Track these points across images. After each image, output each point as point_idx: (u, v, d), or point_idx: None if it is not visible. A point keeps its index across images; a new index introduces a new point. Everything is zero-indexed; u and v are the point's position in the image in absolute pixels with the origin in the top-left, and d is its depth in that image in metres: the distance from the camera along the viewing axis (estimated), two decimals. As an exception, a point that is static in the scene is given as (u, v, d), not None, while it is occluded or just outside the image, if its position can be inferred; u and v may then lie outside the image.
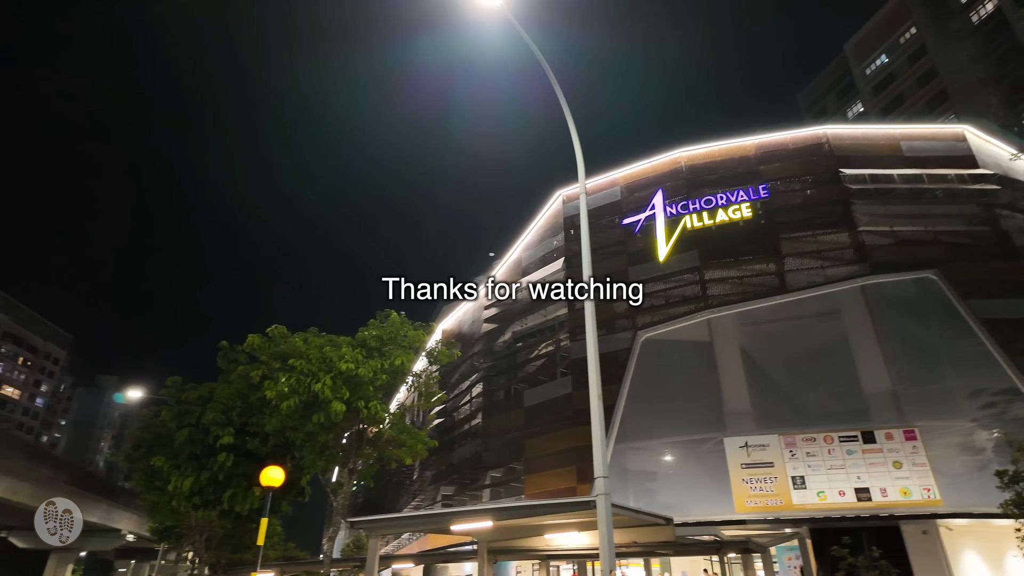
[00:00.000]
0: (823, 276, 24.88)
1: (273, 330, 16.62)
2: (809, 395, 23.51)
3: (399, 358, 15.94)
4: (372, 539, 11.08)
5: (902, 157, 26.84)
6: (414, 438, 16.97)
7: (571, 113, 11.27)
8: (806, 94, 79.57)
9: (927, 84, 61.39)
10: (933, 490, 20.09)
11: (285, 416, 15.57)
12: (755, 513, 21.18)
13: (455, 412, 36.83)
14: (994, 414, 21.49)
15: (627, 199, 29.78)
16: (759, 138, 28.67)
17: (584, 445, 24.04)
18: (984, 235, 24.98)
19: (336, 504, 16.54)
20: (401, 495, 44.12)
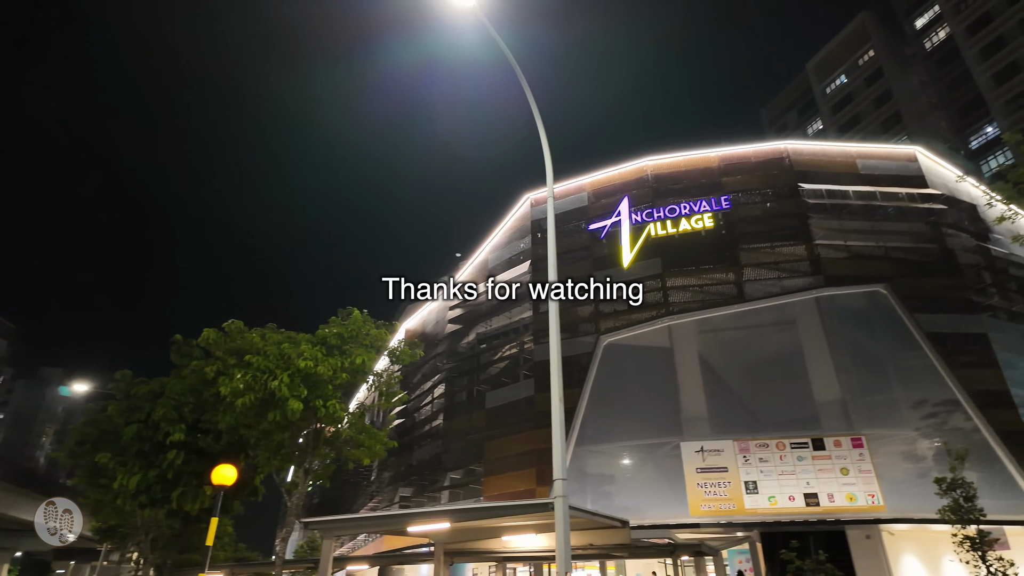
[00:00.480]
0: (779, 287, 25.62)
1: (230, 325, 16.16)
2: (763, 402, 24.14)
3: (360, 357, 15.69)
4: (326, 540, 10.88)
5: (857, 174, 27.87)
6: (373, 438, 16.74)
7: (541, 114, 11.33)
8: (769, 109, 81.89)
9: (882, 105, 63.91)
10: (877, 496, 20.84)
11: (240, 413, 15.17)
12: (709, 517, 21.62)
13: (416, 413, 36.52)
14: (935, 424, 22.47)
15: (594, 205, 30.09)
16: (723, 150, 29.37)
17: (544, 448, 24.16)
18: (931, 252, 26.11)
19: (290, 504, 16.21)
20: (358, 496, 43.49)
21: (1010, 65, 54.49)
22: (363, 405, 18.68)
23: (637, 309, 26.64)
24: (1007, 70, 54.68)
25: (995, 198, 16.86)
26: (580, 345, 26.71)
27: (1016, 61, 54.04)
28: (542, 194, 31.49)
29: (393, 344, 18.49)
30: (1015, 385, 22.90)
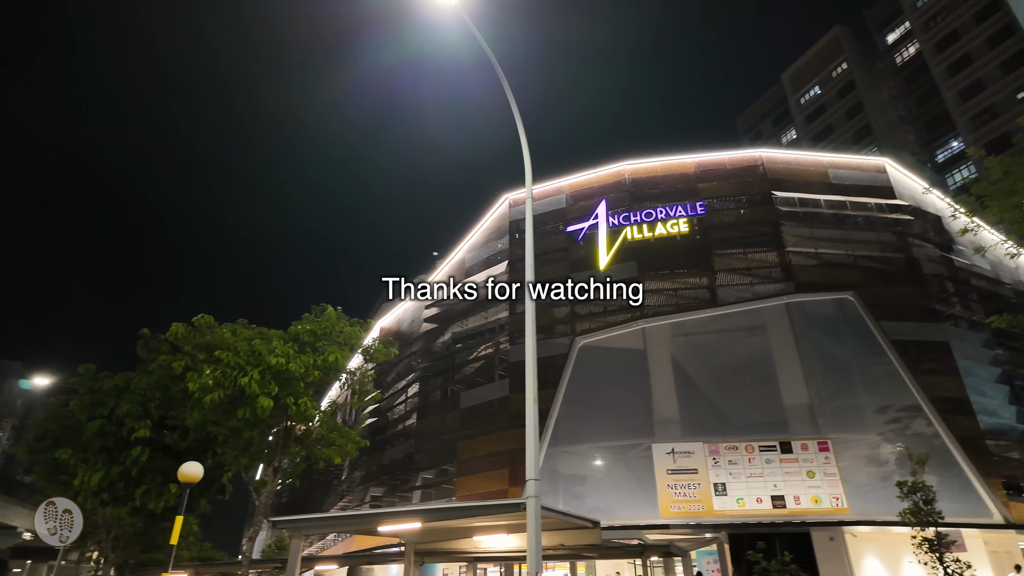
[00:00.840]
0: (751, 292, 26.07)
1: (199, 319, 15.83)
2: (733, 405, 24.53)
3: (333, 354, 15.51)
4: (295, 539, 10.72)
5: (829, 184, 28.51)
6: (344, 437, 16.57)
7: (521, 114, 11.34)
8: (745, 118, 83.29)
9: (854, 117, 65.50)
10: (841, 499, 21.33)
11: (208, 410, 14.87)
12: (678, 518, 21.89)
13: (389, 412, 36.25)
14: (898, 429, 23.09)
15: (572, 207, 30.26)
16: (699, 156, 29.77)
17: (518, 448, 24.21)
18: (897, 262, 26.84)
19: (259, 503, 15.94)
20: (328, 495, 42.98)
21: (975, 82, 56.29)
22: (335, 403, 18.48)
23: (612, 312, 26.87)
24: (972, 87, 56.48)
25: (959, 210, 17.40)
26: (555, 346, 26.82)
27: (981, 79, 55.84)
28: (521, 195, 31.55)
29: (367, 342, 18.33)
30: (974, 392, 23.66)
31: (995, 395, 24.91)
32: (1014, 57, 53.84)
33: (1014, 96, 52.21)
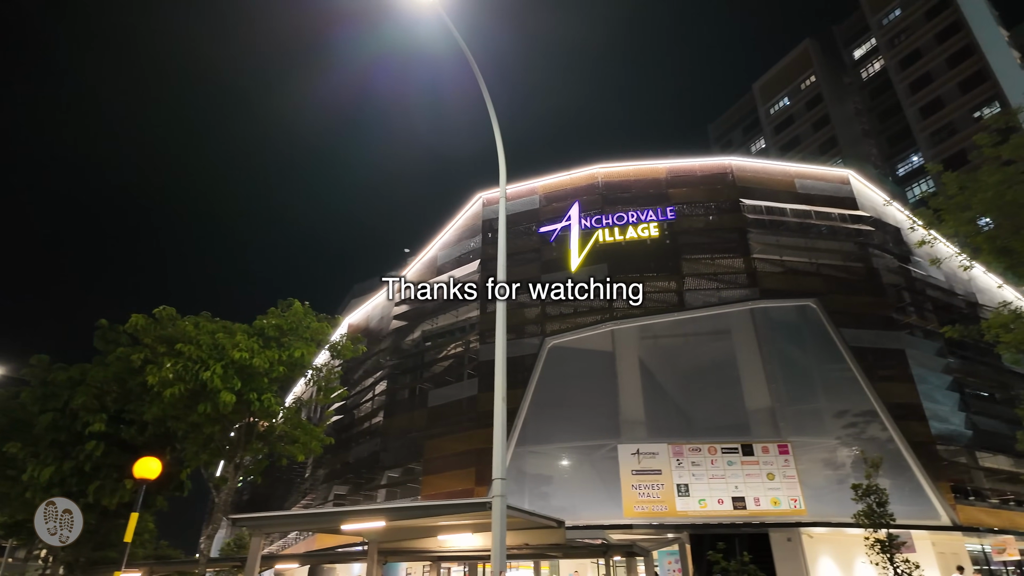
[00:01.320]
0: (718, 297, 26.56)
1: (160, 311, 15.39)
2: (698, 408, 24.95)
3: (299, 350, 15.27)
4: (255, 537, 10.52)
5: (795, 193, 29.22)
6: (309, 434, 16.30)
7: (496, 114, 11.34)
8: (716, 126, 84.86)
9: (820, 129, 67.29)
10: (799, 500, 21.88)
11: (167, 405, 14.48)
12: (642, 518, 22.16)
13: (355, 409, 35.84)
14: (854, 433, 23.80)
15: (545, 208, 30.38)
16: (670, 162, 30.21)
17: (485, 447, 24.17)
18: (858, 271, 27.66)
19: (218, 500, 15.59)
20: (291, 493, 42.28)
21: (935, 100, 58.37)
22: (300, 400, 18.15)
23: (582, 313, 27.08)
24: (932, 104, 58.56)
25: (917, 223, 18.01)
26: (525, 346, 26.89)
27: (941, 97, 57.93)
28: (495, 194, 31.55)
29: (335, 338, 18.09)
30: (926, 399, 24.53)
31: (946, 402, 25.88)
32: (972, 77, 56.01)
33: (971, 115, 54.28)
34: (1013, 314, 15.74)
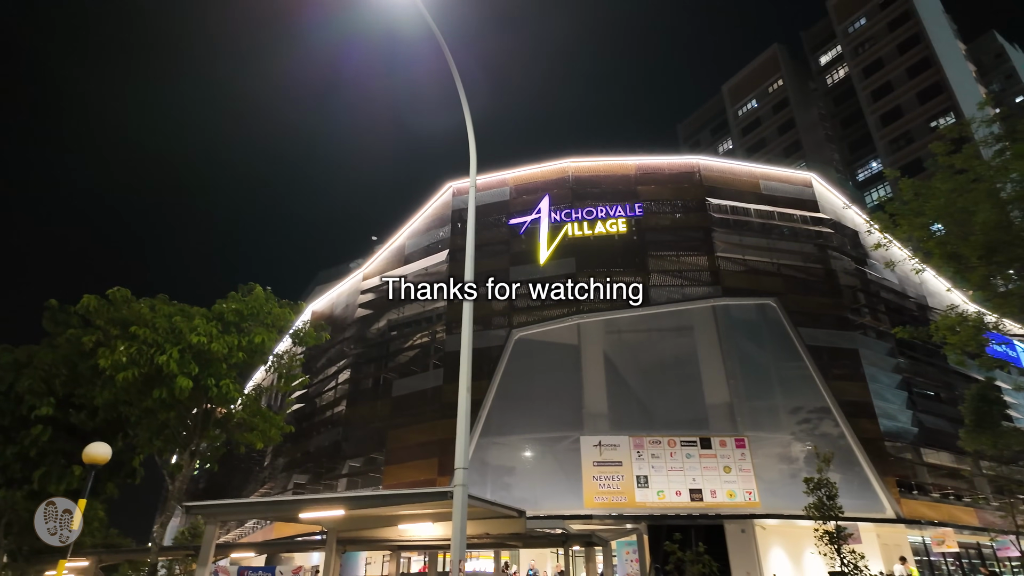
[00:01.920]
0: (681, 294, 27.02)
1: (114, 293, 14.85)
2: (659, 402, 25.38)
3: (259, 336, 14.93)
4: (210, 526, 10.30)
5: (759, 194, 29.86)
6: (268, 422, 16.01)
7: (468, 102, 11.25)
8: (686, 125, 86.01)
9: (786, 132, 68.88)
10: (754, 493, 22.50)
11: (120, 389, 14.03)
12: (601, 509, 22.49)
13: (317, 398, 35.34)
14: (808, 429, 24.56)
15: (515, 200, 30.36)
16: (640, 160, 30.52)
17: (448, 438, 24.13)
18: (816, 272, 28.47)
19: (172, 488, 15.22)
20: (248, 482, 41.53)
21: (895, 109, 60.32)
22: (260, 387, 17.79)
23: (549, 306, 27.20)
24: (892, 113, 60.51)
25: (873, 227, 18.61)
26: (492, 338, 26.90)
27: (900, 106, 59.89)
28: (464, 184, 31.37)
29: (297, 325, 17.77)
30: (876, 397, 25.47)
31: (895, 400, 26.92)
32: (930, 88, 58.03)
33: (928, 124, 56.29)
34: (959, 317, 16.43)
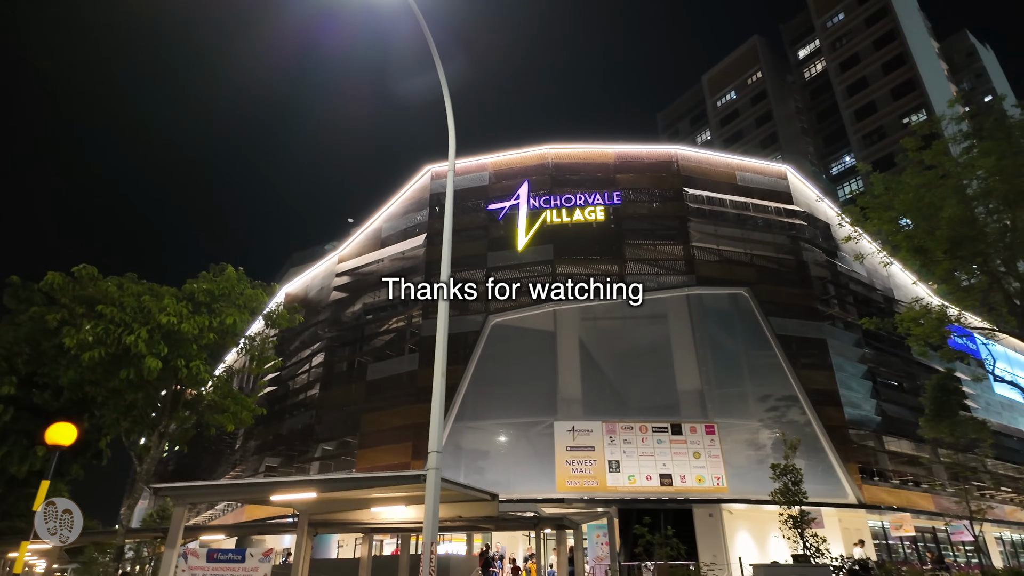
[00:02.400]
0: (656, 283, 27.29)
1: (80, 270, 14.44)
2: (632, 388, 25.71)
3: (231, 317, 14.67)
4: (178, 508, 10.18)
5: (735, 185, 30.20)
6: (239, 404, 15.81)
7: (448, 84, 11.12)
8: (665, 115, 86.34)
9: (763, 125, 69.62)
10: (722, 479, 23.00)
11: (86, 369, 13.70)
12: (573, 493, 22.79)
13: (290, 381, 35.00)
14: (776, 416, 25.15)
15: (494, 185, 30.22)
16: (619, 148, 30.59)
17: (423, 422, 24.13)
18: (788, 263, 28.98)
19: (140, 470, 14.97)
20: (219, 464, 41.08)
21: (869, 104, 61.35)
22: (231, 368, 17.52)
23: (526, 292, 27.24)
24: (867, 108, 61.54)
25: (845, 219, 19.00)
26: (468, 323, 26.87)
27: (875, 101, 60.93)
28: (444, 167, 31.11)
29: (271, 307, 17.52)
30: (842, 386, 26.15)
31: (859, 389, 27.67)
32: (903, 85, 59.09)
33: (900, 120, 57.39)
34: (924, 310, 16.92)
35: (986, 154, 14.95)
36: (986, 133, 15.46)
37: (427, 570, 7.73)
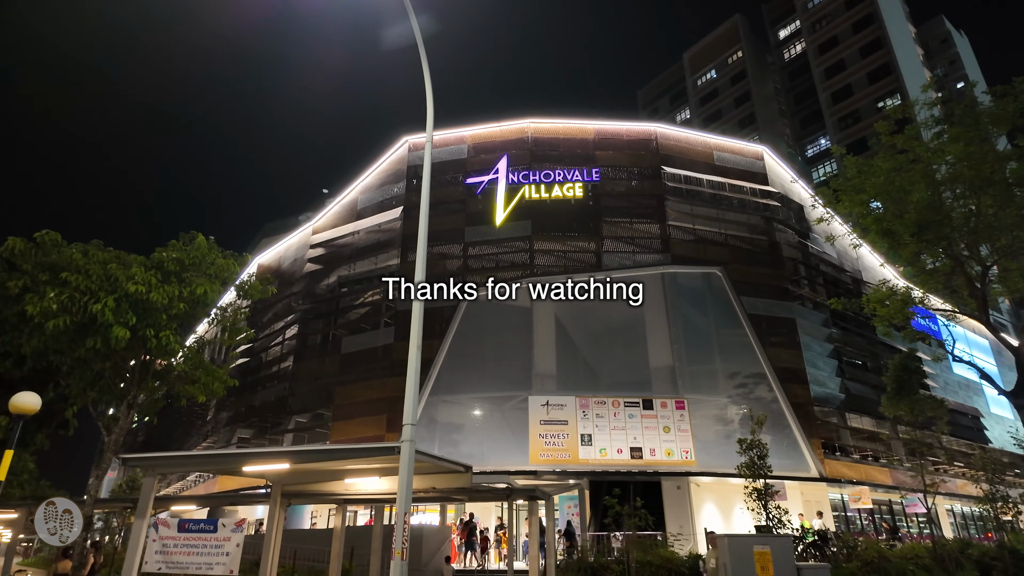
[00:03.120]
0: (633, 260, 27.52)
1: (43, 236, 13.96)
2: (605, 364, 26.07)
3: (202, 287, 14.34)
4: (148, 478, 10.08)
5: (712, 165, 30.40)
6: (210, 375, 15.59)
7: (427, 54, 10.89)
8: (645, 92, 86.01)
9: (741, 105, 69.86)
10: (691, 452, 23.59)
11: (50, 337, 13.32)
12: (546, 465, 23.17)
13: (263, 353, 34.65)
14: (744, 393, 25.78)
15: (473, 159, 29.92)
16: (599, 124, 30.48)
17: (397, 395, 24.19)
18: (761, 244, 29.43)
19: (108, 440, 14.75)
20: (190, 435, 40.71)
21: (846, 87, 61.93)
22: (202, 339, 17.23)
23: (503, 268, 27.27)
24: (843, 91, 62.13)
25: (818, 201, 19.27)
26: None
27: (851, 84, 61.51)
28: (421, 139, 30.66)
29: (243, 278, 17.20)
30: (809, 365, 26.88)
31: (825, 368, 28.48)
32: (880, 69, 59.69)
33: (875, 104, 58.11)
34: (890, 291, 17.37)
35: (955, 140, 15.27)
36: (956, 119, 15.77)
37: (400, 540, 7.81)
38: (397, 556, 7.70)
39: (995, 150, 15.41)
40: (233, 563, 9.88)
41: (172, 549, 10.03)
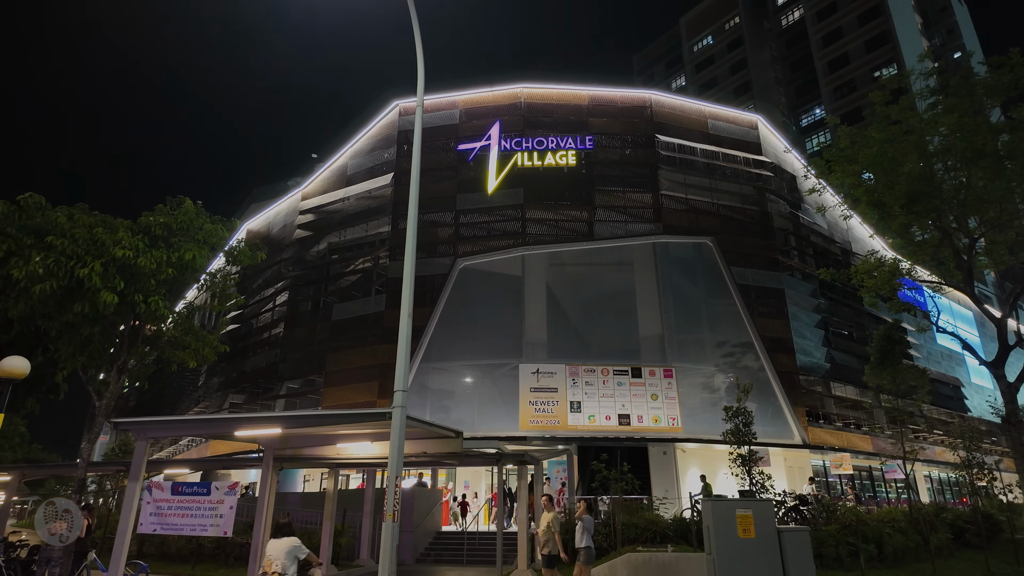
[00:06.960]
0: (624, 230, 27.49)
1: (26, 198, 13.72)
2: (595, 333, 26.28)
3: (190, 252, 14.20)
4: (140, 442, 10.15)
5: (707, 134, 30.17)
6: (201, 341, 15.56)
7: (418, 14, 10.62)
8: (641, 57, 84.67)
9: (737, 72, 69.04)
10: (677, 419, 24.02)
11: (37, 302, 13.20)
12: (536, 431, 23.55)
13: (254, 319, 34.58)
14: (731, 362, 26.14)
15: (465, 124, 29.49)
16: (593, 90, 30.02)
17: (389, 362, 24.36)
18: (752, 214, 29.45)
19: (99, 405, 14.78)
20: (182, 400, 40.89)
21: (843, 56, 61.22)
22: (192, 305, 17.14)
23: (495, 236, 27.20)
24: (839, 60, 61.44)
25: (810, 171, 19.23)
26: (436, 265, 26.78)
27: (848, 53, 60.79)
28: (412, 103, 30.14)
29: (232, 243, 17.04)
30: (796, 335, 27.23)
31: (812, 338, 28.86)
32: (877, 37, 58.96)
33: (871, 73, 57.58)
34: (877, 262, 17.52)
35: (949, 111, 15.22)
36: (951, 90, 15.68)
37: (392, 503, 7.96)
38: (388, 518, 7.85)
39: (988, 122, 15.37)
40: (227, 524, 10.05)
41: (166, 511, 10.18)
